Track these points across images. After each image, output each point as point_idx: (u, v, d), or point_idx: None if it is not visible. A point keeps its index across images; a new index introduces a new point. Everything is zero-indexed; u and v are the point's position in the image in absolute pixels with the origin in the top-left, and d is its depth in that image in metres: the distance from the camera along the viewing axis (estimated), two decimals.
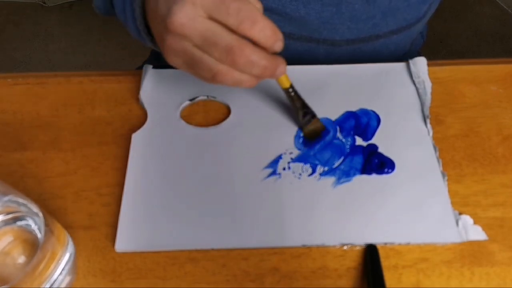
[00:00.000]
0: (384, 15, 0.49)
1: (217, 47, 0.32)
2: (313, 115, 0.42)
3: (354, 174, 0.40)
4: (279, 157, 0.40)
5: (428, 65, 0.46)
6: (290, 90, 0.40)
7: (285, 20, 0.49)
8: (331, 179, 0.39)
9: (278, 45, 0.34)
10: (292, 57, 0.52)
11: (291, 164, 0.40)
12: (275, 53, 0.35)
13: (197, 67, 0.34)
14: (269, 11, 0.48)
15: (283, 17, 0.49)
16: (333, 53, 0.52)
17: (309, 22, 0.49)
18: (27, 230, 0.32)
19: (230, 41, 0.32)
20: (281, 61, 0.35)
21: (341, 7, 0.48)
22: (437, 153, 0.41)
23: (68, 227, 0.36)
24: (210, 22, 0.32)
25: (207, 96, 0.45)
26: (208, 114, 0.44)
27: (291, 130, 0.42)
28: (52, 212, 0.38)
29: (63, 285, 0.33)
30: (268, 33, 0.33)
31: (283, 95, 0.45)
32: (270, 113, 0.43)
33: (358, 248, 0.36)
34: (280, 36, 0.34)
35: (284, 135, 0.42)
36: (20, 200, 0.31)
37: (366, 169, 0.40)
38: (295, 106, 0.41)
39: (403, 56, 0.57)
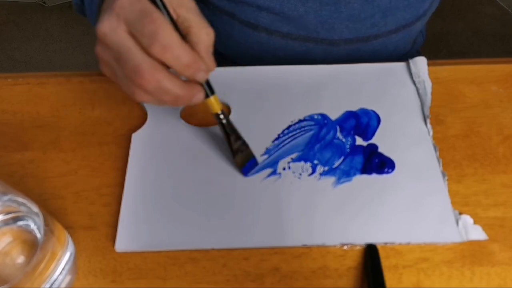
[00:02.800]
0: (384, 15, 0.49)
1: (127, 65, 0.31)
2: (244, 143, 0.40)
3: (354, 174, 0.39)
4: (280, 156, 0.40)
5: (429, 65, 0.46)
6: (221, 116, 0.38)
7: (283, 19, 0.49)
8: (331, 179, 0.39)
9: (200, 76, 0.33)
10: (290, 57, 0.52)
11: (291, 164, 0.40)
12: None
13: (117, 80, 0.33)
14: (266, 10, 0.48)
15: (281, 16, 0.49)
16: (331, 53, 0.52)
17: (307, 22, 0.49)
18: (27, 230, 0.32)
19: (141, 61, 0.31)
20: (197, 90, 0.34)
21: (339, 6, 0.48)
22: (437, 153, 0.41)
23: (68, 227, 0.36)
24: (128, 37, 0.31)
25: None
26: (208, 114, 0.44)
27: None
28: (53, 212, 0.38)
29: (63, 285, 0.33)
30: (184, 61, 0.31)
31: (283, 95, 0.45)
32: (270, 113, 0.43)
33: (358, 248, 0.36)
34: (202, 66, 0.32)
35: None
36: (20, 200, 0.31)
37: (366, 169, 0.40)
38: (225, 133, 0.39)
39: (403, 56, 0.57)
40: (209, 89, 0.36)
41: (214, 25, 0.53)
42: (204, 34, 0.33)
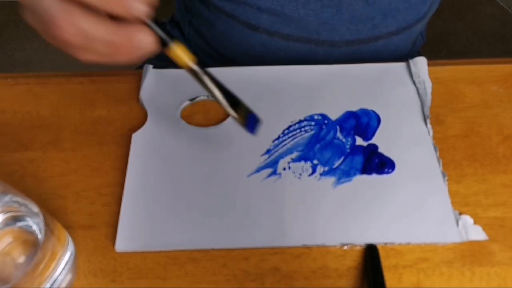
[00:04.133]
0: (384, 16, 0.49)
1: (43, 20, 0.26)
2: (235, 97, 0.34)
3: (355, 174, 0.39)
4: (280, 156, 0.40)
5: (429, 65, 0.46)
6: (195, 68, 0.30)
7: (284, 21, 0.49)
8: (331, 179, 0.39)
9: (135, 9, 0.25)
10: (291, 58, 0.52)
11: (291, 164, 0.40)
12: None
13: (57, 46, 0.28)
14: (267, 11, 0.48)
15: (282, 18, 0.49)
16: (332, 54, 0.52)
17: (308, 23, 0.49)
18: (27, 231, 0.32)
19: (51, 9, 0.25)
20: (135, 29, 0.26)
21: (340, 8, 0.48)
22: (437, 153, 0.41)
23: (68, 227, 0.36)
24: None
25: (207, 96, 0.45)
26: (208, 114, 0.44)
27: None
28: (53, 212, 0.38)
29: (63, 285, 0.33)
30: None
31: (283, 96, 0.45)
32: (270, 113, 0.43)
33: (358, 248, 0.36)
34: None
35: None
36: (20, 200, 0.31)
37: (367, 169, 0.40)
38: (211, 90, 0.32)
39: (404, 57, 0.57)
40: (163, 33, 0.27)
41: (214, 26, 0.54)
42: None
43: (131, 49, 0.26)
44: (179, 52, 0.29)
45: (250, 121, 0.35)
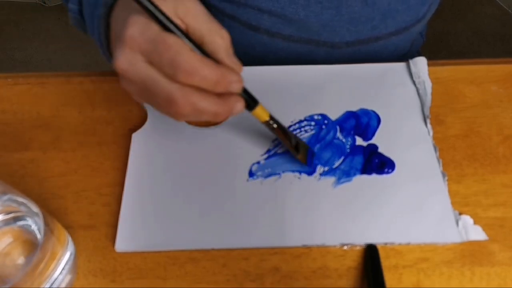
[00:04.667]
0: (384, 17, 0.49)
1: (158, 96, 0.30)
2: (296, 139, 0.39)
3: (354, 174, 0.39)
4: (280, 156, 0.40)
5: (429, 65, 0.46)
6: (271, 122, 0.37)
7: (285, 22, 0.49)
8: (331, 179, 0.39)
9: (233, 88, 0.31)
10: (292, 58, 0.52)
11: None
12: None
13: (154, 107, 0.32)
14: (268, 13, 0.48)
15: (282, 19, 0.49)
16: (332, 55, 0.52)
17: (309, 25, 0.49)
18: (27, 231, 0.32)
19: (170, 90, 0.30)
20: (234, 102, 0.32)
21: (340, 10, 0.48)
22: (437, 153, 0.41)
23: (68, 227, 0.36)
24: (149, 68, 0.30)
25: None
26: None
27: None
28: (53, 212, 0.38)
29: (63, 285, 0.33)
30: (212, 80, 0.30)
31: (283, 95, 0.45)
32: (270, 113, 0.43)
33: (358, 248, 0.36)
34: (232, 77, 0.31)
35: None
36: (20, 200, 0.31)
37: (366, 169, 0.40)
38: (281, 137, 0.38)
39: (403, 56, 0.57)
40: (250, 99, 0.34)
41: None
42: (219, 39, 0.32)
43: (228, 115, 0.32)
44: (259, 112, 0.35)
45: (309, 156, 0.40)
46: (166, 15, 0.30)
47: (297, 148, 0.39)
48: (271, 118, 0.37)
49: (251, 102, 0.34)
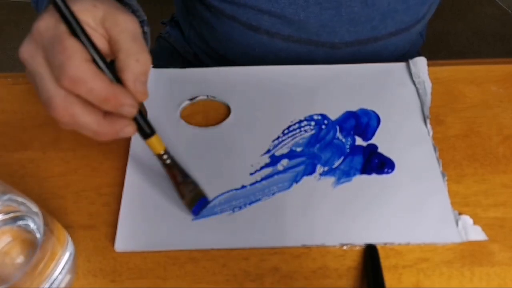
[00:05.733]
0: (383, 18, 0.49)
1: (42, 96, 0.29)
2: (193, 182, 0.37)
3: (354, 174, 0.39)
4: (280, 156, 0.40)
5: (428, 65, 0.46)
6: (165, 156, 0.35)
7: (284, 22, 0.49)
8: (331, 179, 0.39)
9: (126, 110, 0.29)
10: (291, 59, 0.53)
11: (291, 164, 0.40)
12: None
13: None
14: (268, 13, 0.48)
15: (282, 19, 0.49)
16: (332, 56, 0.52)
17: (308, 25, 0.49)
18: (27, 230, 0.32)
19: (53, 93, 0.28)
20: (122, 126, 0.30)
21: (340, 10, 0.48)
22: (437, 153, 0.41)
23: (68, 227, 0.36)
24: (44, 65, 0.29)
25: (207, 96, 0.45)
26: (208, 114, 0.44)
27: None
28: (52, 212, 0.38)
29: (63, 284, 0.33)
30: (99, 95, 0.28)
31: (283, 96, 0.45)
32: (270, 113, 0.43)
33: (358, 248, 0.36)
34: (125, 100, 0.29)
35: None
36: (20, 200, 0.31)
37: (366, 169, 0.40)
38: (170, 174, 0.36)
39: (403, 56, 0.57)
40: (147, 127, 0.32)
41: (215, 27, 0.54)
42: (132, 61, 0.29)
43: (112, 137, 0.30)
44: (154, 143, 0.33)
45: (198, 205, 0.37)
46: (76, 18, 0.28)
47: (185, 191, 0.36)
48: (166, 152, 0.34)
49: (147, 130, 0.32)
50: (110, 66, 0.30)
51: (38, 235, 0.31)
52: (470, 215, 0.37)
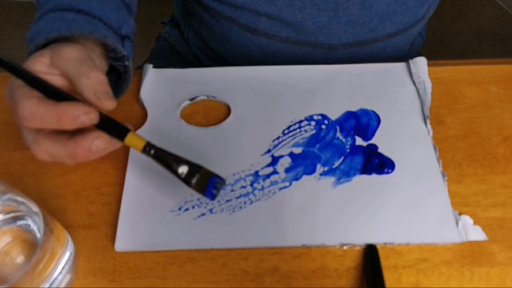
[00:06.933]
0: (381, 19, 0.49)
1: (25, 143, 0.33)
2: (194, 165, 0.34)
3: (354, 174, 0.39)
4: (280, 156, 0.40)
5: (429, 65, 0.46)
6: (151, 150, 0.33)
7: (282, 24, 0.49)
8: (331, 179, 0.39)
9: (84, 119, 0.31)
10: (290, 60, 0.53)
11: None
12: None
13: None
14: (265, 15, 0.48)
15: (279, 21, 0.49)
16: (330, 57, 0.52)
17: (306, 27, 0.49)
18: (27, 230, 0.32)
19: (26, 139, 0.32)
20: (90, 138, 0.31)
21: (337, 12, 0.48)
22: (437, 153, 0.41)
23: (68, 227, 0.36)
24: (16, 119, 0.32)
25: (207, 96, 0.45)
26: (208, 114, 0.44)
27: None
28: (52, 212, 0.38)
29: (63, 284, 0.33)
30: (52, 117, 0.30)
31: (283, 95, 0.45)
32: (270, 113, 0.43)
33: (358, 248, 0.36)
34: (77, 111, 0.30)
35: None
36: (20, 199, 0.31)
37: (366, 169, 0.40)
38: (164, 164, 0.34)
39: (402, 57, 0.57)
40: (119, 129, 0.32)
41: (214, 28, 0.54)
42: (84, 79, 0.32)
43: (88, 153, 0.32)
44: (132, 140, 0.33)
45: (210, 186, 0.34)
46: (16, 66, 0.32)
47: (191, 174, 0.34)
48: (148, 144, 0.33)
49: (119, 132, 0.33)
50: (65, 94, 0.33)
51: (38, 235, 0.31)
52: (469, 216, 0.37)
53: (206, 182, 0.34)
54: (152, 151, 0.34)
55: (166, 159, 0.34)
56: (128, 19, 0.41)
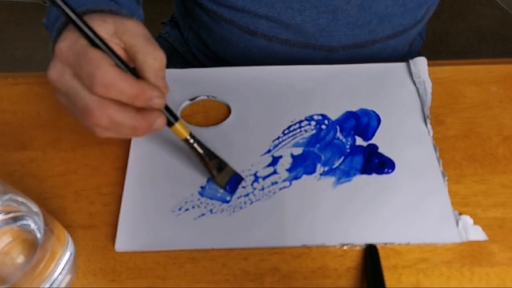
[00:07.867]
0: (381, 21, 0.49)
1: (77, 106, 0.31)
2: (221, 161, 0.38)
3: (354, 174, 0.39)
4: (280, 156, 0.41)
5: (429, 65, 0.46)
6: (191, 141, 0.37)
7: (281, 27, 0.49)
8: (331, 179, 0.39)
9: (155, 103, 0.31)
10: (289, 62, 0.53)
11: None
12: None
13: (79, 121, 0.33)
14: (265, 17, 0.48)
15: (279, 23, 0.49)
16: (330, 59, 0.52)
17: (305, 29, 0.49)
18: (27, 230, 0.32)
19: (88, 101, 0.31)
20: (155, 117, 0.32)
21: (337, 14, 0.48)
22: (437, 153, 0.41)
23: (68, 227, 0.36)
24: (73, 79, 0.31)
25: (207, 96, 0.45)
26: (208, 114, 0.44)
27: None
28: (52, 212, 0.38)
29: (63, 284, 0.33)
30: (130, 94, 0.30)
31: (283, 96, 0.45)
32: (270, 113, 0.43)
33: (358, 248, 0.36)
34: (152, 93, 0.31)
35: None
36: (20, 199, 0.31)
37: (366, 169, 0.40)
38: (199, 156, 0.37)
39: (401, 58, 0.57)
40: (171, 116, 0.34)
41: (214, 30, 0.54)
42: (150, 59, 0.32)
43: (147, 130, 0.32)
44: (179, 128, 0.35)
45: (231, 183, 0.38)
46: (93, 30, 0.30)
47: (217, 171, 0.38)
48: (191, 136, 0.36)
49: (171, 118, 0.34)
50: (131, 68, 0.32)
51: (38, 235, 0.31)
52: (469, 216, 0.37)
53: (228, 179, 0.38)
54: (192, 141, 0.37)
55: (203, 151, 0.37)
56: (138, 8, 0.42)
